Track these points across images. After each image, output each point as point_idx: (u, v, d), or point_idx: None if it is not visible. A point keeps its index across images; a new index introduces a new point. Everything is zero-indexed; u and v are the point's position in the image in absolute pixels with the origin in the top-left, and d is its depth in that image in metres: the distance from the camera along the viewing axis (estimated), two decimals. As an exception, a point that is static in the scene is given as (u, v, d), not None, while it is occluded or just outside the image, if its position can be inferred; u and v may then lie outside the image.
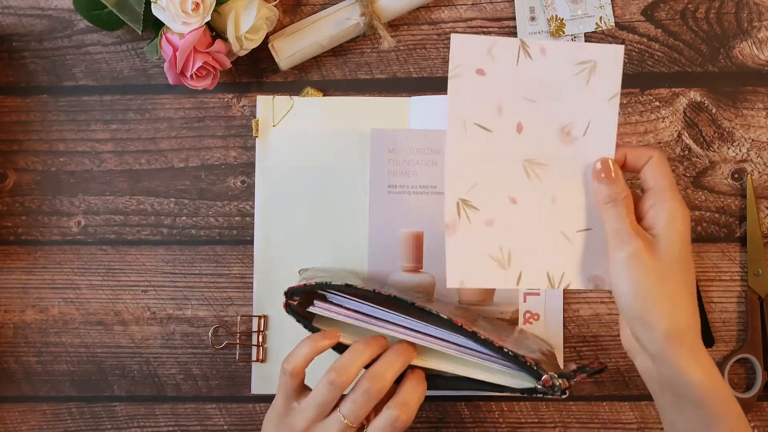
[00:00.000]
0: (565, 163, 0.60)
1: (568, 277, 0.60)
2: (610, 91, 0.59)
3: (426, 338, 0.61)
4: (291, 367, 0.60)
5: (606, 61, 0.59)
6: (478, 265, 0.60)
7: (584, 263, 0.60)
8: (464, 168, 0.60)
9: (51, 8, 0.75)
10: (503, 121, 0.60)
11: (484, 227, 0.60)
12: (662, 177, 0.57)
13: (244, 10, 0.67)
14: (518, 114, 0.60)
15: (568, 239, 0.60)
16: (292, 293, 0.63)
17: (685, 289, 0.55)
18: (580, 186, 0.60)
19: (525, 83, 0.59)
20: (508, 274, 0.60)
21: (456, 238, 0.60)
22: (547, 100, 0.60)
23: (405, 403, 0.59)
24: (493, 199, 0.60)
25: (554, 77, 0.59)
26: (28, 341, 0.74)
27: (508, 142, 0.60)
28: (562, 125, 0.59)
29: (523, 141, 0.60)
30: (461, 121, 0.59)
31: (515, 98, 0.60)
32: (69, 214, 0.74)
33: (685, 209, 0.56)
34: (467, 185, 0.60)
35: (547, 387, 0.58)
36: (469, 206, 0.60)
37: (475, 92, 0.59)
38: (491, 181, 0.60)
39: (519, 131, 0.60)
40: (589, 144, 0.59)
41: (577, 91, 0.59)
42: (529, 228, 0.60)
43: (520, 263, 0.60)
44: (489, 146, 0.60)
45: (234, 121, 0.74)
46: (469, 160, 0.60)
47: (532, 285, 0.60)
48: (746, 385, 0.72)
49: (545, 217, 0.60)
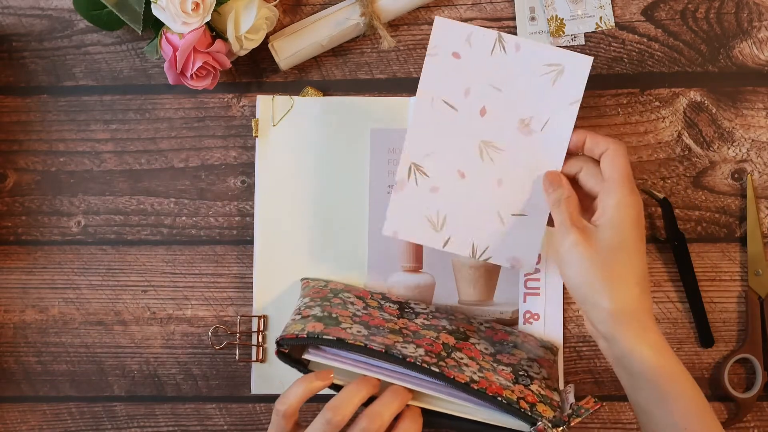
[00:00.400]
0: (518, 151, 0.65)
1: (490, 252, 0.67)
2: (573, 96, 0.64)
3: (421, 383, 0.61)
4: (284, 408, 0.60)
5: (573, 68, 0.64)
6: (414, 222, 0.66)
7: (509, 243, 0.66)
8: (424, 136, 0.66)
9: (51, 8, 0.75)
10: (469, 103, 0.65)
11: (428, 192, 0.66)
12: (614, 170, 0.60)
13: (244, 10, 0.67)
14: (484, 99, 0.65)
15: (502, 219, 0.66)
16: (282, 343, 0.63)
17: (630, 272, 0.59)
18: (527, 174, 0.65)
19: (495, 72, 0.65)
20: (438, 236, 0.67)
21: (401, 195, 0.66)
22: (512, 91, 0.65)
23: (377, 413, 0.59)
24: (444, 170, 0.66)
25: (523, 72, 0.65)
26: (28, 341, 0.74)
27: (469, 122, 0.66)
28: (523, 117, 0.65)
29: (484, 124, 0.65)
30: (430, 95, 0.65)
31: (483, 84, 0.65)
32: (69, 214, 0.74)
33: (632, 200, 0.60)
34: (423, 153, 0.66)
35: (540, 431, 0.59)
36: (420, 171, 0.66)
37: (447, 72, 0.65)
38: (446, 153, 0.66)
39: (482, 114, 0.65)
40: (545, 139, 0.65)
41: (542, 90, 0.65)
42: (470, 202, 0.66)
43: (450, 229, 0.66)
44: (451, 122, 0.66)
45: (234, 121, 0.74)
46: (431, 130, 0.66)
47: (455, 251, 0.66)
48: (746, 385, 0.72)
49: (487, 196, 0.66)
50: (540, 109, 0.65)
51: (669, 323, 0.72)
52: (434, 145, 0.66)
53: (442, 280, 0.72)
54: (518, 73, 0.65)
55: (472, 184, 0.66)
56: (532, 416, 0.59)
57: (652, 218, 0.72)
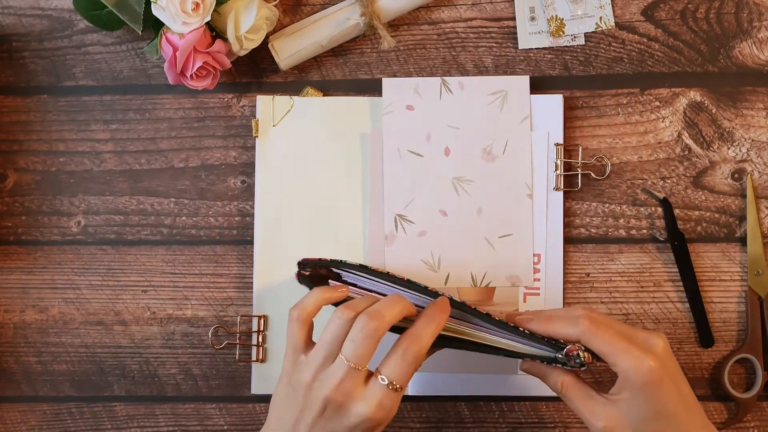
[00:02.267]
0: (488, 178, 0.71)
1: (489, 277, 0.71)
2: (521, 114, 0.70)
3: None
4: (298, 312, 0.58)
5: (515, 90, 0.70)
6: (411, 268, 0.70)
7: (504, 265, 0.70)
8: (400, 188, 0.71)
9: (51, 8, 0.75)
10: (432, 147, 0.71)
11: (417, 237, 0.71)
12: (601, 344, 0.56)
13: (244, 10, 0.67)
14: (445, 140, 0.71)
15: (491, 244, 0.70)
16: (305, 265, 0.63)
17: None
18: (501, 197, 0.70)
19: (448, 113, 0.71)
20: (438, 276, 0.71)
21: (393, 248, 0.71)
22: (468, 126, 0.71)
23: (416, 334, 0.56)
24: (426, 213, 0.71)
25: (472, 106, 0.71)
26: (28, 341, 0.74)
27: (437, 164, 0.71)
28: (484, 146, 0.71)
29: (451, 162, 0.71)
30: (396, 149, 0.71)
31: (441, 127, 0.71)
32: (69, 214, 0.74)
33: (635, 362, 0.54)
34: (403, 203, 0.71)
35: (571, 356, 0.57)
36: (405, 220, 0.71)
37: (406, 124, 0.71)
38: (424, 198, 0.71)
39: (447, 154, 0.71)
40: (509, 160, 0.71)
41: (494, 116, 0.71)
42: (457, 236, 0.70)
43: (447, 267, 0.71)
44: (421, 168, 0.71)
45: (234, 121, 0.74)
46: (405, 180, 0.71)
47: (458, 284, 0.71)
48: (746, 385, 0.72)
49: (471, 226, 0.70)
50: (497, 135, 0.70)
51: (669, 323, 0.72)
52: (411, 193, 0.71)
53: (442, 280, 0.73)
54: (468, 109, 0.71)
55: (455, 219, 0.70)
56: (557, 344, 0.58)
57: (652, 218, 0.72)
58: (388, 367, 0.56)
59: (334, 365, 0.56)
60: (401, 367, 0.55)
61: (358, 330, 0.55)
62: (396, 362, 0.55)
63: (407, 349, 0.56)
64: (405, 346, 0.56)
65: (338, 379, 0.55)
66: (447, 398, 0.73)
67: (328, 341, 0.56)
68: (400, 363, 0.55)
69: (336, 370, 0.55)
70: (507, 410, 0.73)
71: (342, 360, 0.55)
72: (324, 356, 0.56)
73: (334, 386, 0.55)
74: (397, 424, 0.73)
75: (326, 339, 0.56)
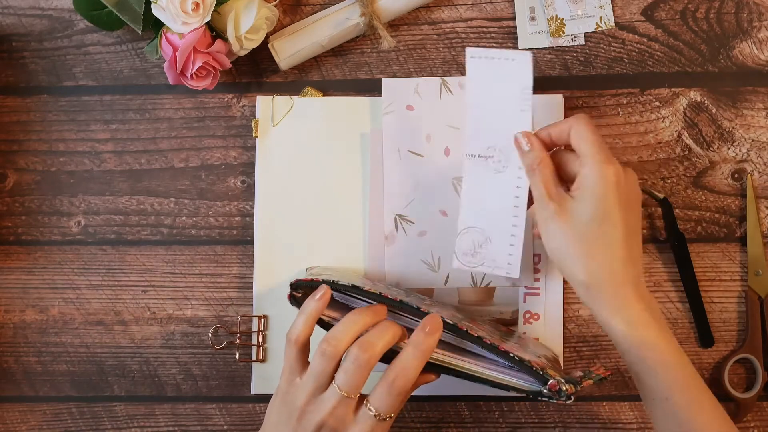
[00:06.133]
0: None
1: (489, 277, 0.71)
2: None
3: None
4: (293, 336, 0.60)
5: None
6: (412, 269, 0.70)
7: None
8: (401, 188, 0.71)
9: (51, 8, 0.75)
10: (432, 147, 0.71)
11: (417, 237, 0.70)
12: (582, 142, 0.59)
13: (244, 10, 0.67)
14: (445, 140, 0.71)
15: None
16: (297, 286, 0.63)
17: (604, 245, 0.58)
18: None
19: (448, 113, 0.70)
20: (438, 276, 0.71)
21: (393, 248, 0.70)
22: None
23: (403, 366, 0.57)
24: (426, 214, 0.70)
25: None
26: (28, 341, 0.74)
27: (438, 164, 0.71)
28: None
29: (451, 162, 0.70)
30: (396, 150, 0.70)
31: (441, 127, 0.71)
32: (69, 214, 0.74)
33: (607, 168, 0.58)
34: (403, 203, 0.70)
35: (554, 392, 0.57)
36: (405, 221, 0.70)
37: (406, 125, 0.71)
38: (424, 198, 0.70)
39: (447, 154, 0.70)
40: None
41: None
42: None
43: (447, 267, 0.70)
44: (421, 169, 0.71)
45: (234, 121, 0.74)
46: (405, 181, 0.70)
47: (458, 285, 0.71)
48: (746, 385, 0.72)
49: None
50: None
51: (669, 323, 0.72)
52: (412, 193, 0.70)
53: (442, 280, 0.73)
54: None
55: (455, 219, 0.67)
56: (543, 375, 0.58)
57: (652, 218, 0.72)
58: (376, 399, 0.57)
59: (327, 393, 0.58)
60: (388, 400, 0.57)
61: (350, 362, 0.57)
62: (383, 395, 0.57)
63: (393, 383, 0.57)
64: (391, 380, 0.57)
65: (332, 406, 0.57)
66: (447, 398, 0.73)
67: (318, 373, 0.58)
68: (386, 397, 0.57)
69: (329, 397, 0.58)
70: (507, 410, 0.73)
71: (335, 388, 0.57)
72: (314, 387, 0.58)
73: (327, 412, 0.57)
74: (397, 424, 0.73)
75: (316, 371, 0.58)
